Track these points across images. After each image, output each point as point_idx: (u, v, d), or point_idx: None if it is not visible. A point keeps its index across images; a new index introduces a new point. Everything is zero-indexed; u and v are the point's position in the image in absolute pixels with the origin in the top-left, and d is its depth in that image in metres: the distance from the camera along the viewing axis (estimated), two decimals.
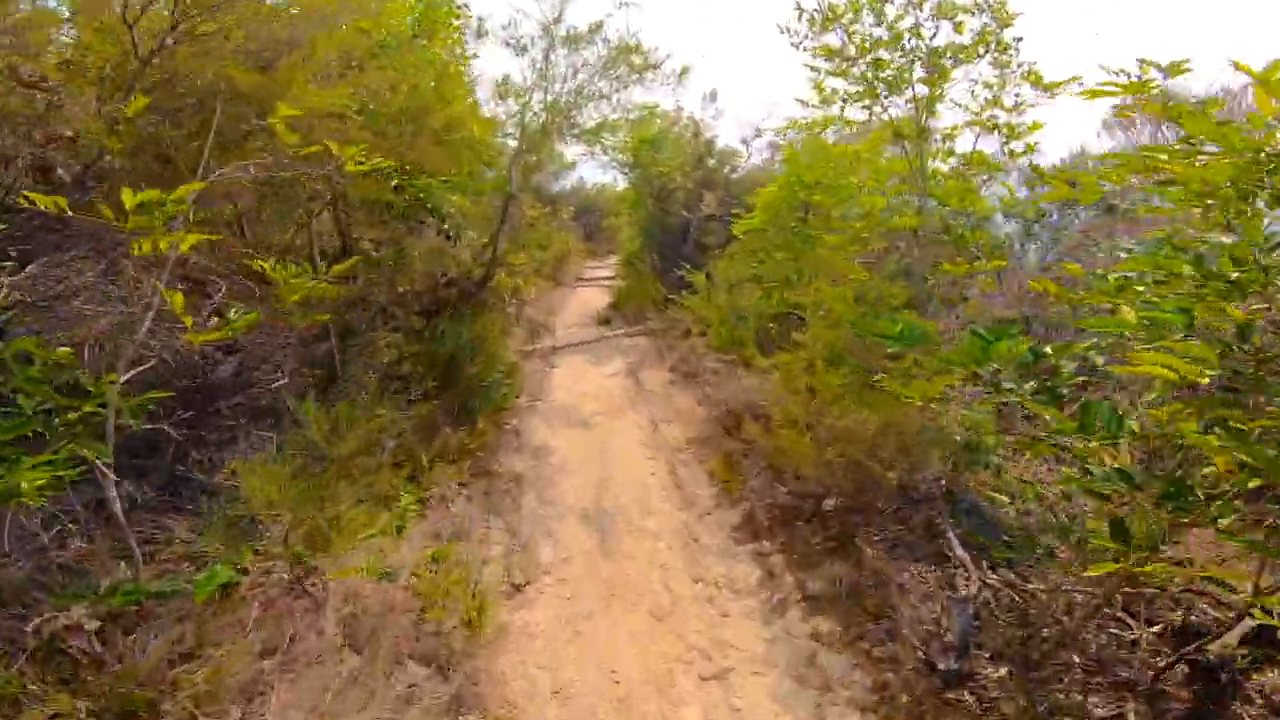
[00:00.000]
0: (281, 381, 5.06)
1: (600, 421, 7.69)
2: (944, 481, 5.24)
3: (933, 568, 4.86)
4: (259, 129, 3.71)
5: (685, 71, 9.09)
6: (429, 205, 6.17)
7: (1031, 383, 2.97)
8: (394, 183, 5.60)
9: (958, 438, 3.96)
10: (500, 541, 5.42)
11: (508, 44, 8.26)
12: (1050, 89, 4.72)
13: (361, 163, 3.41)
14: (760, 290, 7.25)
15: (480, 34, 7.52)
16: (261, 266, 3.61)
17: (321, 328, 6.19)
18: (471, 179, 7.58)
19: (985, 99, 4.97)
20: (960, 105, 5.09)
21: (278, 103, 3.12)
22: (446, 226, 6.47)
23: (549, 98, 8.88)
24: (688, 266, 9.99)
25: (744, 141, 14.46)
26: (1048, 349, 2.84)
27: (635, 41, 8.91)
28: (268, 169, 3.56)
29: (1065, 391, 2.94)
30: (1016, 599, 4.53)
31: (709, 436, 6.70)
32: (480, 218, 8.90)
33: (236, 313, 3.44)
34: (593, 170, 38.35)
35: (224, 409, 4.78)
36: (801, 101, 5.17)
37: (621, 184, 16.59)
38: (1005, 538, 5.09)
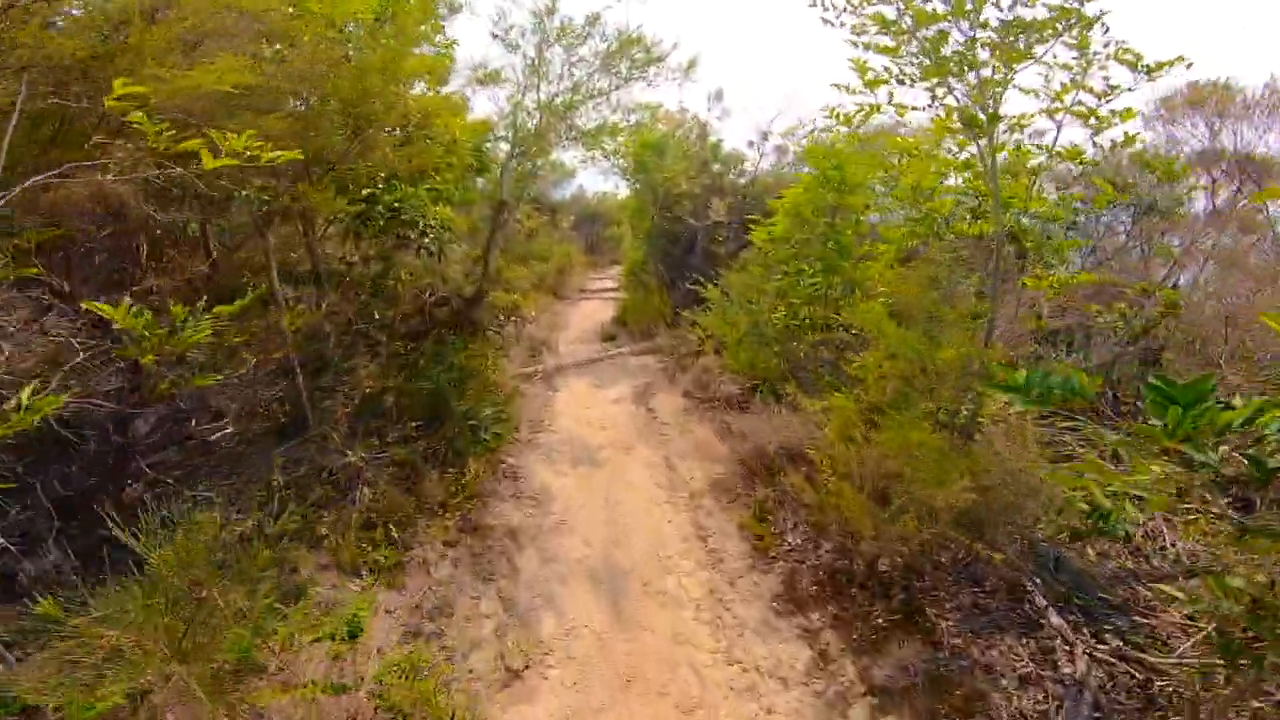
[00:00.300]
0: (224, 432, 4.22)
1: (608, 457, 6.82)
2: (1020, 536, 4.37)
3: (1024, 639, 3.99)
4: (110, 119, 2.84)
5: (693, 64, 8.29)
6: (404, 217, 5.35)
7: (1223, 449, 2.12)
8: (364, 191, 4.80)
9: (1084, 504, 3.09)
10: (493, 614, 4.55)
11: (495, 36, 7.47)
12: (1153, 72, 3.87)
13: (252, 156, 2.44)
14: (784, 306, 6.40)
15: (454, 8, 6.66)
16: (101, 311, 2.68)
17: (284, 362, 5.36)
18: (459, 186, 6.75)
19: (1064, 82, 4.12)
20: (1029, 91, 4.24)
21: (117, 80, 2.28)
22: (428, 240, 5.63)
23: (543, 97, 8.08)
24: (698, 278, 9.15)
25: (751, 144, 13.64)
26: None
27: (637, 34, 8.11)
28: (120, 170, 2.72)
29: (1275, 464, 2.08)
30: (1136, 676, 3.67)
31: (734, 479, 5.82)
32: (471, 230, 8.07)
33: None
34: (593, 178, 37.60)
35: (146, 469, 3.93)
36: (841, 87, 4.31)
37: (623, 192, 15.82)
38: (1103, 594, 4.23)
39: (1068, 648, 3.90)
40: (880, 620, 4.06)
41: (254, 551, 4.25)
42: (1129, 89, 3.99)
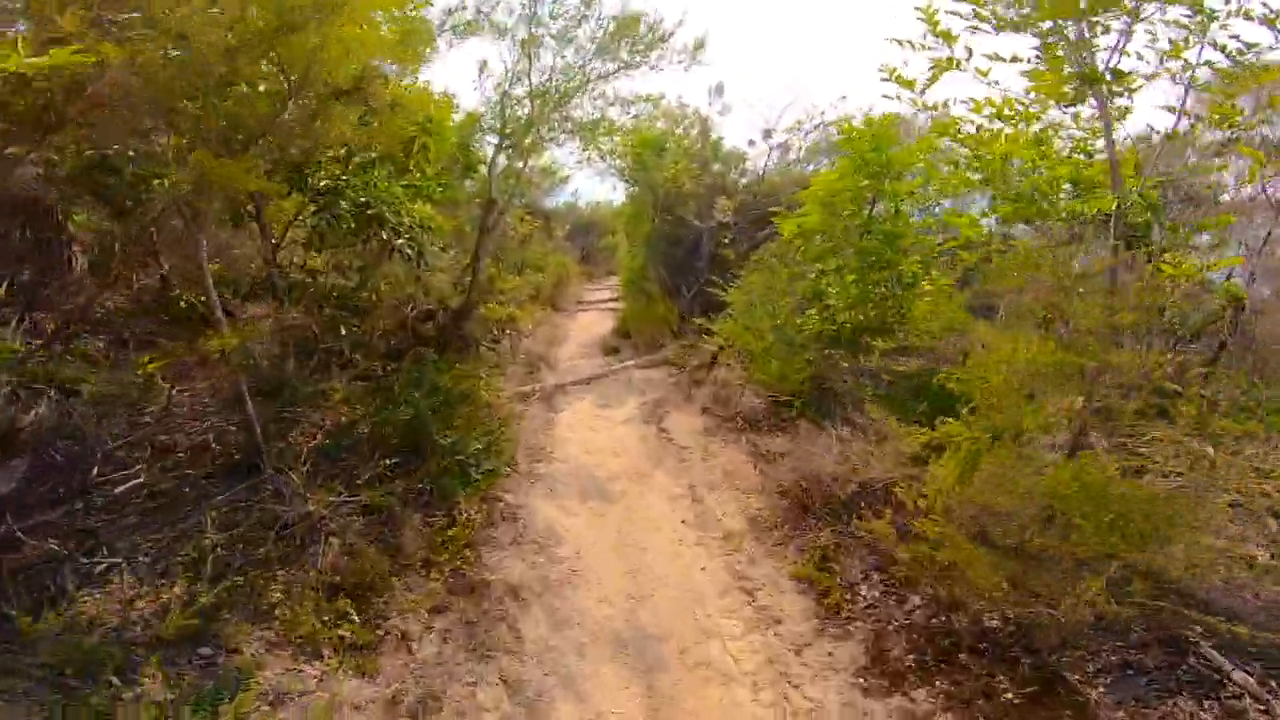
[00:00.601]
0: (134, 482, 3.25)
1: (622, 489, 5.85)
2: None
3: (1203, 702, 3.07)
4: None
5: (701, 45, 7.45)
6: (371, 213, 4.41)
7: None
8: (321, 182, 3.89)
9: None
10: (495, 706, 3.56)
11: (480, 14, 6.60)
12: None
13: None
14: (818, 309, 5.49)
15: None
16: None
17: (235, 389, 4.39)
18: (441, 182, 5.83)
19: (1174, 40, 3.28)
20: (1133, 54, 3.41)
21: None
22: (402, 242, 4.68)
23: (534, 85, 7.20)
24: (714, 280, 8.25)
25: (751, 143, 12.81)
26: None
27: (636, 13, 7.27)
28: None
29: None
30: None
31: (777, 515, 4.86)
32: (458, 233, 7.15)
33: None
34: (588, 183, 36.55)
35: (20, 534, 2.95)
36: (903, 43, 3.45)
37: (620, 198, 14.99)
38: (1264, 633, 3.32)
39: (1262, 708, 2.98)
40: (1010, 695, 3.10)
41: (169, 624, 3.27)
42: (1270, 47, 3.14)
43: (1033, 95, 3.16)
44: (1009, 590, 2.94)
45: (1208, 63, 3.39)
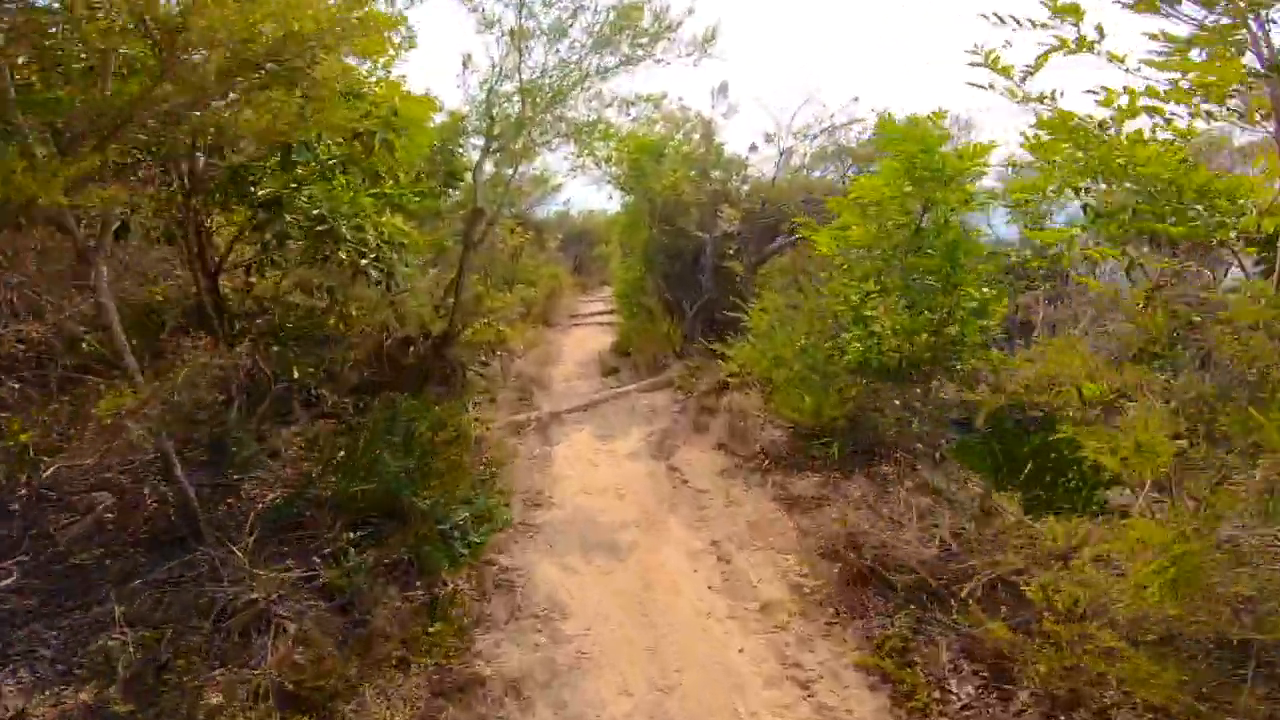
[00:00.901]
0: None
1: (632, 541, 5.07)
2: None
3: None
4: None
5: (712, 36, 6.75)
6: (321, 228, 3.62)
7: None
8: (261, 192, 3.11)
9: None
10: None
11: None
12: None
13: None
14: (860, 334, 4.77)
15: None
16: None
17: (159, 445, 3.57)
18: (418, 191, 5.05)
19: None
20: None
21: None
22: (367, 262, 3.88)
23: (525, 81, 6.47)
24: (734, 301, 7.53)
25: (753, 147, 12.10)
26: None
27: (638, 1, 6.57)
28: None
29: None
30: None
31: (826, 582, 4.09)
32: (438, 249, 6.37)
33: None
34: (581, 190, 35.50)
35: None
36: (1006, 19, 2.78)
37: (615, 206, 14.25)
38: None
39: None
40: None
41: None
42: None
43: (1184, 85, 2.44)
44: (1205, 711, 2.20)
45: None
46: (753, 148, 11.45)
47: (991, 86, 3.21)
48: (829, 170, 11.55)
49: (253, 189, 3.58)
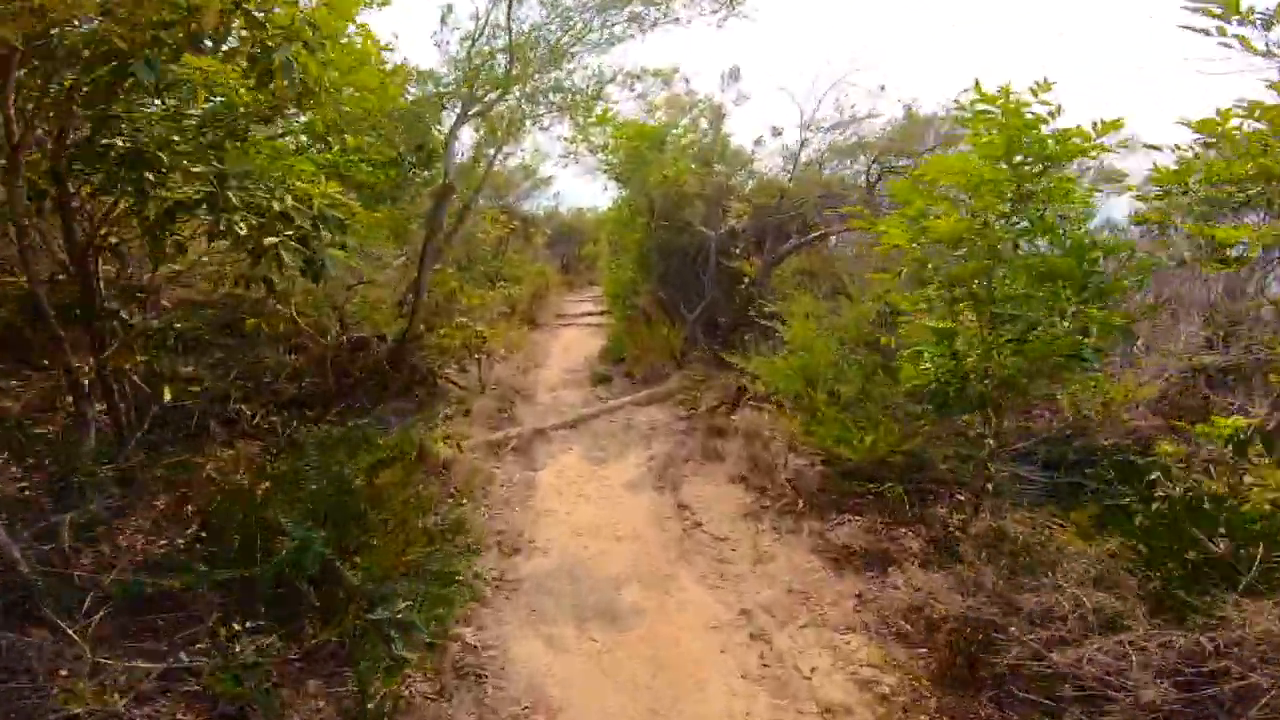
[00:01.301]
0: None
1: (637, 604, 4.01)
2: None
3: None
4: None
5: None
6: (195, 192, 2.51)
7: None
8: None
9: None
10: None
11: None
12: None
13: None
14: (936, 354, 3.76)
15: None
16: None
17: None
18: (373, 163, 3.93)
19: None
20: None
21: None
22: (274, 241, 2.72)
23: (513, 38, 5.40)
24: (765, 308, 6.51)
25: (766, 136, 11.10)
26: None
27: None
28: None
29: None
30: None
31: (916, 679, 3.06)
32: (400, 232, 5.27)
33: None
34: (572, 183, 33.88)
35: None
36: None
37: (607, 203, 13.21)
38: None
39: None
40: None
41: None
42: None
43: None
44: None
45: None
46: (759, 141, 10.46)
47: (1208, 32, 2.30)
48: (844, 165, 10.62)
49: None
